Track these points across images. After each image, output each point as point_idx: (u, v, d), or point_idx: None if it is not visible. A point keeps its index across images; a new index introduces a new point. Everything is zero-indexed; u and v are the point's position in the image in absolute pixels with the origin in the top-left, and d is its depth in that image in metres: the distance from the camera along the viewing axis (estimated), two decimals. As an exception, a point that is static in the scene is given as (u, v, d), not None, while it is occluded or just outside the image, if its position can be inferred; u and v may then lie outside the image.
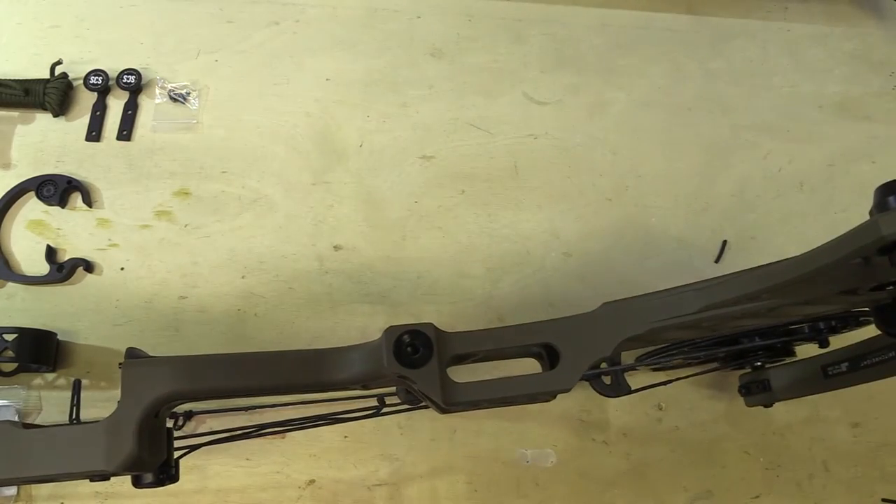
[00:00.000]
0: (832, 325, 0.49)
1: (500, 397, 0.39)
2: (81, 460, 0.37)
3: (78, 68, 0.69)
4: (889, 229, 0.28)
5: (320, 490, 0.59)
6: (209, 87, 0.70)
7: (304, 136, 0.69)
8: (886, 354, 0.45)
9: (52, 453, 0.37)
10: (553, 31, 0.76)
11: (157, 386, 0.37)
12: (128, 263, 0.64)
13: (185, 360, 0.39)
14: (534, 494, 0.60)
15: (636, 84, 0.74)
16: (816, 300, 0.38)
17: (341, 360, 0.39)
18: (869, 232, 0.29)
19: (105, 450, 0.37)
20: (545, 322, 0.41)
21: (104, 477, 0.39)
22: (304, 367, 0.39)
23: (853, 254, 0.31)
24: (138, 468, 0.38)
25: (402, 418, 0.61)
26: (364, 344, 0.40)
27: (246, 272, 0.64)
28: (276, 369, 0.39)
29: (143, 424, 0.37)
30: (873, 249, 0.30)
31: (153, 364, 0.38)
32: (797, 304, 0.38)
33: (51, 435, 0.38)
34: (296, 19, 0.74)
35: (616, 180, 0.70)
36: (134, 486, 0.41)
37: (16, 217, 0.65)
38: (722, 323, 0.41)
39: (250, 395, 0.41)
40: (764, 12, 0.79)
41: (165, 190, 0.66)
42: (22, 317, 0.61)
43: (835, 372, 0.49)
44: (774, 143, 0.73)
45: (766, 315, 0.40)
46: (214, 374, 0.39)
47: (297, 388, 0.40)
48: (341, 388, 0.40)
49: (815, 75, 0.76)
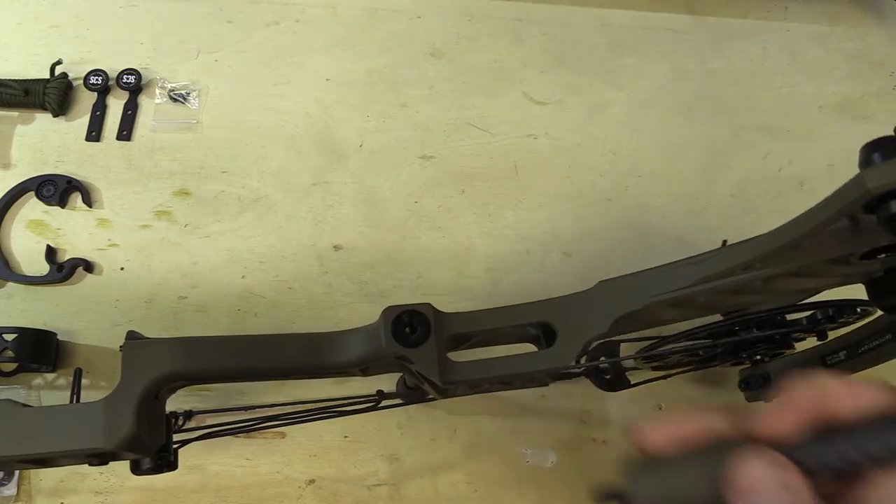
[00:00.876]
0: (830, 316, 0.49)
1: (498, 376, 0.40)
2: (80, 438, 0.36)
3: (78, 68, 0.69)
4: (874, 182, 0.28)
5: (320, 490, 0.59)
6: (209, 87, 0.70)
7: (304, 136, 0.69)
8: (883, 337, 0.44)
9: (52, 431, 0.37)
10: (553, 31, 0.76)
11: (158, 365, 0.37)
12: (128, 263, 0.64)
13: (186, 341, 0.39)
14: (534, 494, 0.60)
15: (636, 84, 0.74)
16: (810, 272, 0.38)
17: (341, 342, 0.39)
18: (854, 187, 0.29)
19: (104, 428, 0.36)
20: (541, 301, 0.41)
21: (103, 460, 0.39)
22: (305, 350, 0.39)
23: (840, 211, 0.30)
24: (137, 448, 0.38)
25: (403, 418, 0.61)
26: (363, 327, 0.40)
27: (246, 272, 0.64)
28: (276, 351, 0.39)
29: (143, 404, 0.37)
30: (859, 205, 0.29)
31: (154, 344, 0.38)
32: (791, 275, 0.38)
33: (50, 413, 0.38)
34: (296, 19, 0.74)
35: (616, 180, 0.70)
36: (132, 472, 0.41)
37: (16, 217, 0.65)
38: (718, 299, 0.41)
39: (250, 377, 0.41)
40: (764, 12, 0.79)
41: (165, 190, 0.66)
42: (22, 317, 0.62)
43: (834, 361, 0.49)
44: (774, 143, 0.73)
45: (763, 291, 0.40)
46: (214, 355, 0.39)
47: (298, 370, 0.40)
48: (341, 373, 0.40)
49: (815, 75, 0.76)
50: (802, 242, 0.34)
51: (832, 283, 0.41)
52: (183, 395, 0.60)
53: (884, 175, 0.28)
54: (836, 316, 0.49)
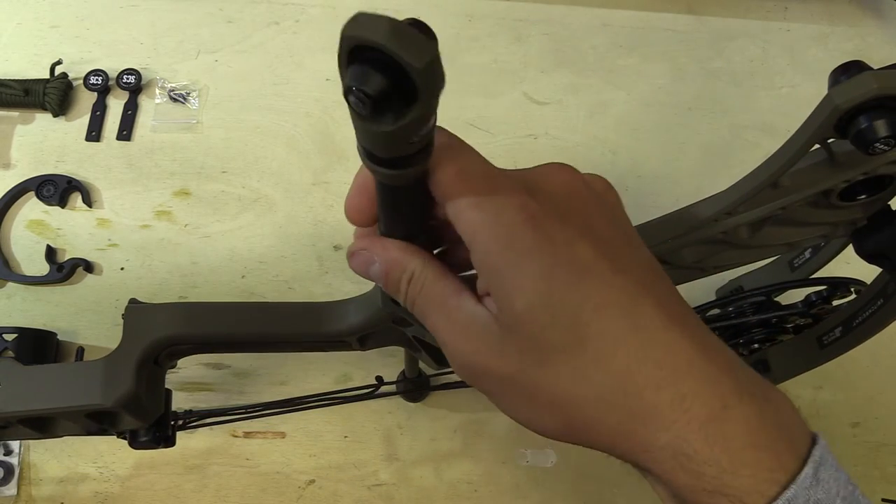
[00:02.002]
0: (824, 297, 0.49)
1: None
2: (80, 394, 0.37)
3: (78, 68, 0.69)
4: (841, 98, 0.29)
5: (320, 490, 0.59)
6: (209, 87, 0.70)
7: (304, 136, 0.69)
8: (875, 304, 0.44)
9: (52, 387, 0.37)
10: (553, 31, 0.76)
11: (158, 328, 0.37)
12: (128, 263, 0.64)
13: (186, 305, 0.39)
14: (534, 494, 0.60)
15: (636, 84, 0.74)
16: (794, 219, 0.39)
17: (340, 310, 0.39)
18: (823, 106, 0.30)
19: (103, 385, 0.37)
20: None
21: (102, 427, 0.39)
22: (304, 317, 0.39)
23: (814, 135, 0.31)
24: (135, 411, 0.38)
25: (403, 418, 0.61)
26: (360, 295, 0.40)
27: (246, 272, 0.64)
28: (275, 318, 0.39)
29: (143, 364, 0.37)
30: (830, 126, 0.30)
31: (155, 308, 0.39)
32: (775, 223, 0.38)
33: (51, 371, 0.38)
34: (296, 19, 0.74)
35: (616, 180, 0.69)
36: (130, 444, 0.41)
37: (16, 217, 0.65)
38: (706, 254, 0.41)
39: (249, 343, 0.41)
40: (764, 12, 0.79)
41: (165, 190, 0.66)
42: (22, 317, 0.62)
43: (830, 340, 0.49)
44: (774, 143, 0.72)
45: (750, 244, 0.40)
46: (214, 320, 0.39)
47: (297, 338, 0.40)
48: (340, 343, 0.40)
49: (815, 75, 0.76)
50: (781, 178, 0.34)
51: (818, 233, 0.42)
52: (183, 394, 0.60)
53: (850, 90, 0.29)
54: (831, 296, 0.48)
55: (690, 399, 0.23)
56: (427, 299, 0.26)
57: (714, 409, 0.23)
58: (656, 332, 0.24)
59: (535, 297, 0.24)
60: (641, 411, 0.24)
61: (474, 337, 0.25)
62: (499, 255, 0.24)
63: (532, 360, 0.24)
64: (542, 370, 0.24)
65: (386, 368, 0.58)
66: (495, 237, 0.24)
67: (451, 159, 0.25)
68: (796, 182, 0.35)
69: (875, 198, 0.37)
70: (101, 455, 0.58)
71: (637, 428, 0.24)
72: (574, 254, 0.24)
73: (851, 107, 0.29)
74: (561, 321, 0.24)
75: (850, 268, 0.46)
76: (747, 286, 0.56)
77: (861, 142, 0.29)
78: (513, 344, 0.24)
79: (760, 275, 0.55)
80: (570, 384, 0.24)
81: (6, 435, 0.40)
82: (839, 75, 0.31)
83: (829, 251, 0.48)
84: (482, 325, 0.25)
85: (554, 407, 0.25)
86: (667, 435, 0.23)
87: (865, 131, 0.29)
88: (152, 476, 0.58)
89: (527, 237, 0.24)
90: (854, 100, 0.29)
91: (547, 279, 0.24)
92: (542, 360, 0.24)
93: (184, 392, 0.60)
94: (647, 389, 0.23)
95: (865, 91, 0.29)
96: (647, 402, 0.23)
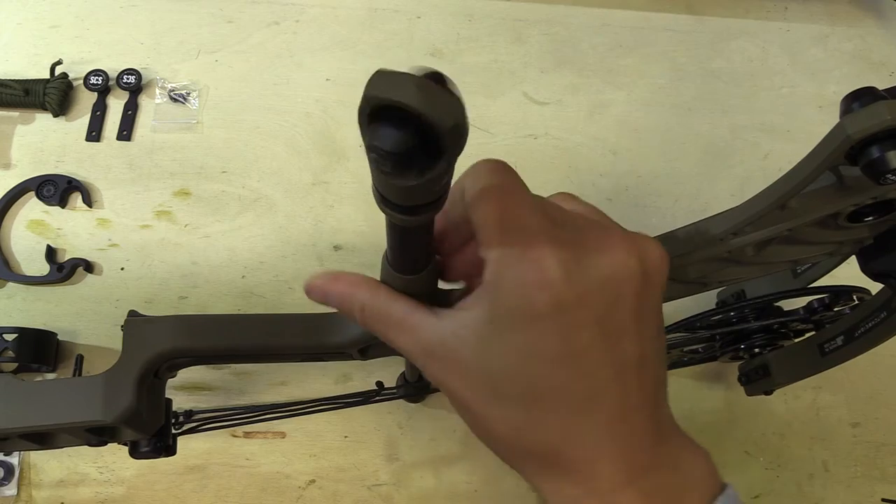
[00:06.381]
0: (826, 304, 0.49)
1: None
2: (80, 410, 0.36)
3: (78, 68, 0.69)
4: (853, 128, 0.28)
5: (320, 490, 0.59)
6: (209, 87, 0.70)
7: (304, 136, 0.69)
8: (878, 317, 0.44)
9: (52, 403, 0.37)
10: (553, 31, 0.76)
11: (158, 341, 0.37)
12: (128, 263, 0.64)
13: (186, 318, 0.39)
14: (534, 494, 0.59)
15: (636, 84, 0.74)
16: (800, 238, 0.38)
17: (340, 322, 0.39)
18: (835, 135, 0.29)
19: (103, 400, 0.36)
20: None
21: (102, 439, 0.39)
22: (304, 329, 0.39)
23: (824, 162, 0.31)
24: (135, 425, 0.38)
25: (403, 418, 0.61)
26: None
27: (246, 272, 0.64)
28: (276, 330, 0.39)
29: (143, 378, 0.37)
30: (841, 154, 0.30)
31: (154, 321, 0.39)
32: (781, 242, 0.38)
33: (50, 386, 0.38)
34: (296, 19, 0.74)
35: (616, 180, 0.70)
36: (131, 454, 0.41)
37: (16, 217, 0.65)
38: (711, 271, 0.41)
39: (250, 355, 0.41)
40: (764, 12, 0.79)
41: (165, 190, 0.66)
42: (22, 317, 0.62)
43: (831, 348, 0.49)
44: (774, 143, 0.73)
45: (755, 261, 0.40)
46: (214, 333, 0.38)
47: (297, 349, 0.40)
48: (340, 354, 0.40)
49: (815, 75, 0.76)
50: (789, 201, 0.34)
51: (823, 252, 0.42)
52: (183, 395, 0.60)
53: (863, 120, 0.28)
54: (833, 304, 0.49)
55: (601, 467, 0.25)
56: (385, 324, 0.28)
57: (617, 483, 0.25)
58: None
59: (508, 368, 0.25)
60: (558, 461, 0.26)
61: (438, 345, 0.26)
62: (507, 314, 0.24)
63: (485, 392, 0.27)
64: (493, 403, 0.27)
65: (386, 369, 0.58)
66: (513, 295, 0.24)
67: (496, 201, 0.26)
68: (804, 205, 0.35)
69: (883, 219, 0.37)
70: (102, 455, 0.58)
71: (551, 471, 0.26)
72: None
73: (863, 137, 0.29)
74: (517, 387, 0.26)
75: (850, 268, 0.46)
76: (749, 291, 0.57)
77: (872, 172, 0.29)
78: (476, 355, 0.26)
79: (763, 281, 0.55)
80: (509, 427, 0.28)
81: (6, 447, 0.40)
82: (851, 102, 0.30)
83: (833, 260, 0.47)
84: (442, 336, 0.26)
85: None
86: (576, 490, 0.25)
87: (877, 162, 0.29)
88: (152, 476, 0.58)
89: (538, 313, 0.24)
90: (866, 130, 0.28)
91: (525, 359, 0.25)
92: (495, 397, 0.27)
93: (184, 392, 0.60)
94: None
95: (879, 122, 0.28)
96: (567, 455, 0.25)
